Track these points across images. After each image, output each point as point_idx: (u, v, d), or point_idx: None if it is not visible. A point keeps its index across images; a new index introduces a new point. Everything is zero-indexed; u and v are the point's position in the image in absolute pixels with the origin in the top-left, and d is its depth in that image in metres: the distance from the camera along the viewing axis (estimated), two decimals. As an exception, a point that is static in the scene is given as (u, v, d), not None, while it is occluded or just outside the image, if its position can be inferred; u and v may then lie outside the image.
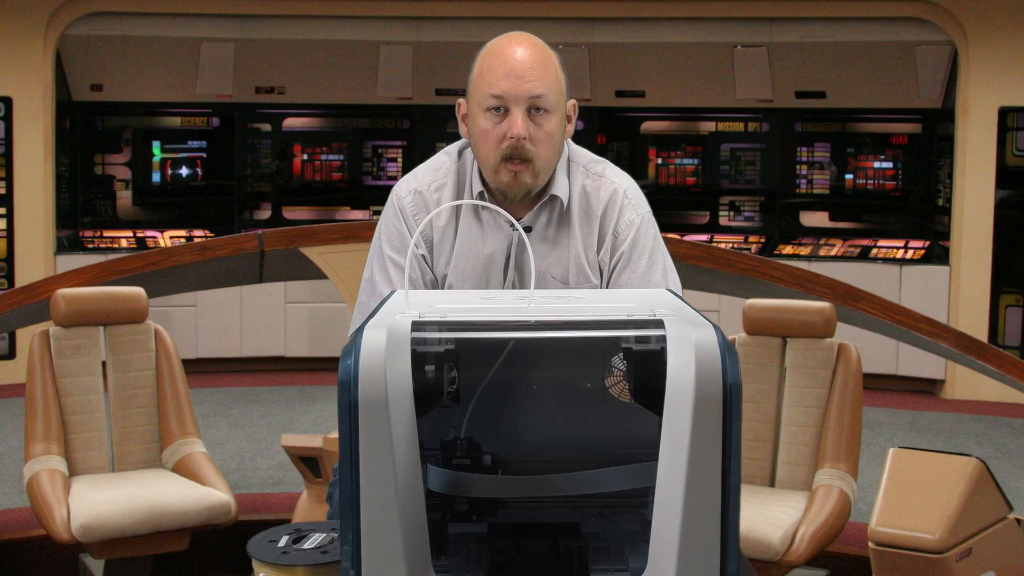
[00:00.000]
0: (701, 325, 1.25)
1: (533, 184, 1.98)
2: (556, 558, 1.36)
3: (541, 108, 1.94)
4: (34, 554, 3.88)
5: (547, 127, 1.95)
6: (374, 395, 1.20)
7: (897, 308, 3.95)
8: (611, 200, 2.06)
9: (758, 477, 3.58)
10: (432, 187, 2.07)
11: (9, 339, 7.34)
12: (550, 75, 1.95)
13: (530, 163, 1.96)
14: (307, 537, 1.55)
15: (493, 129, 1.96)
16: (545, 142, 1.96)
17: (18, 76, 7.34)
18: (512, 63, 1.94)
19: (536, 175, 1.98)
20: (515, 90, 1.93)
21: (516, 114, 1.93)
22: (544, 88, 1.94)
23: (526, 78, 1.93)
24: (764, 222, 8.05)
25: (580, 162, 2.10)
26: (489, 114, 1.96)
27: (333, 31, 7.82)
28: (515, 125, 1.93)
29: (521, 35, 2.00)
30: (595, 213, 2.06)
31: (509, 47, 1.96)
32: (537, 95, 1.93)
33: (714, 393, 1.20)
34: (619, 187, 2.07)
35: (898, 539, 2.70)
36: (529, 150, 1.94)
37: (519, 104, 1.93)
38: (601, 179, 2.08)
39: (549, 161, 1.99)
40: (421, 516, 1.22)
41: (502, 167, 1.96)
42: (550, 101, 1.95)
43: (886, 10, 7.46)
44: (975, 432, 6.34)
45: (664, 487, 1.21)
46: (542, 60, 1.95)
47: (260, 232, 4.01)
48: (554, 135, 1.97)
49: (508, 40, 1.98)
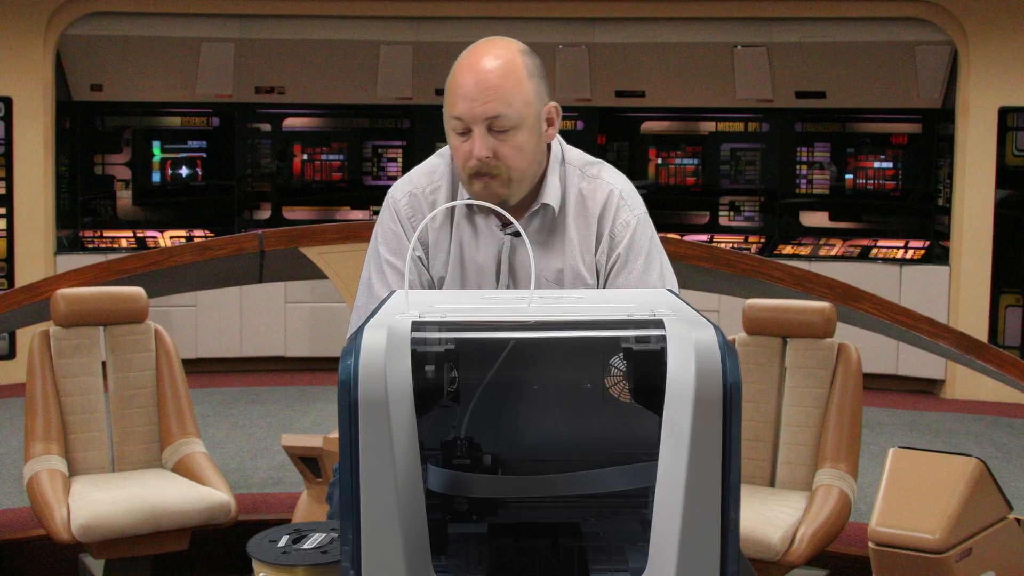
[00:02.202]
0: (701, 325, 1.25)
1: (507, 193, 1.98)
2: (556, 558, 1.36)
3: (502, 128, 1.93)
4: (34, 554, 3.88)
5: (513, 142, 1.94)
6: (374, 395, 1.20)
7: (897, 308, 3.95)
8: (607, 202, 2.06)
9: (758, 477, 3.58)
10: (427, 189, 2.08)
11: (9, 339, 7.34)
12: (511, 91, 1.92)
13: (499, 177, 1.96)
14: (307, 537, 1.55)
15: (460, 147, 1.97)
16: (513, 156, 1.95)
17: (18, 76, 7.34)
18: (468, 85, 1.92)
19: (508, 185, 1.97)
20: (471, 113, 1.92)
21: (476, 135, 1.93)
22: (502, 107, 1.91)
23: (481, 99, 1.91)
24: (764, 222, 8.05)
25: (576, 165, 2.10)
26: (456, 133, 1.96)
27: (333, 31, 7.82)
28: (475, 147, 1.93)
29: (487, 46, 1.96)
30: (592, 215, 2.06)
31: (469, 65, 1.94)
32: (494, 115, 1.92)
33: (714, 393, 1.20)
34: (615, 188, 2.07)
35: (898, 539, 2.70)
36: (495, 166, 1.95)
37: (478, 124, 1.92)
38: (597, 181, 2.08)
39: (523, 172, 1.98)
40: (421, 516, 1.22)
41: (472, 181, 1.97)
42: (511, 118, 1.92)
43: (886, 10, 7.46)
44: (975, 432, 6.34)
45: (664, 487, 1.21)
46: (502, 76, 1.92)
47: (260, 232, 4.01)
48: (523, 148, 1.95)
49: (472, 55, 1.96)
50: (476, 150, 1.93)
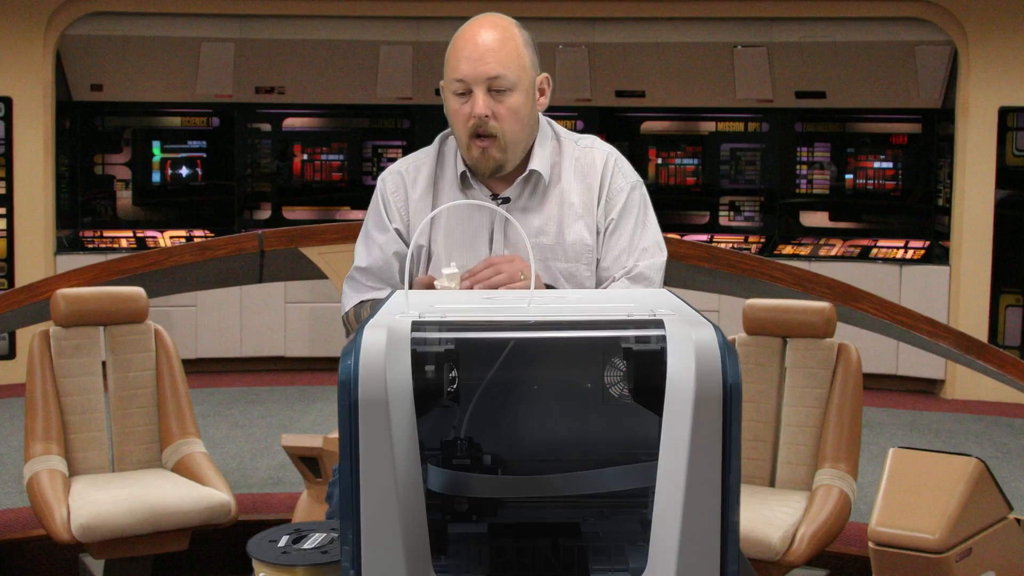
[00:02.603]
0: (701, 325, 1.25)
1: (502, 158, 2.12)
2: (556, 558, 1.36)
3: (501, 88, 2.07)
4: (34, 554, 3.88)
5: (509, 103, 2.08)
6: (374, 395, 1.20)
7: (897, 308, 3.95)
8: (604, 167, 2.19)
9: (758, 477, 3.58)
10: (412, 167, 2.24)
11: (9, 339, 7.34)
12: (509, 55, 2.08)
13: (495, 139, 2.09)
14: (307, 537, 1.55)
15: (460, 109, 2.11)
16: (509, 117, 2.09)
17: (18, 76, 7.34)
18: (471, 47, 2.09)
19: (504, 150, 2.11)
20: (474, 72, 2.07)
21: (477, 94, 2.07)
22: (502, 68, 2.07)
23: (483, 60, 2.07)
24: (764, 222, 8.05)
25: (569, 138, 2.24)
26: (456, 96, 2.10)
27: (333, 31, 7.82)
28: (476, 105, 2.07)
29: (486, 18, 2.14)
30: (592, 179, 2.19)
31: (471, 31, 2.11)
32: (494, 76, 2.07)
33: (714, 393, 1.20)
34: (610, 155, 2.22)
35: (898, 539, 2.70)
36: (493, 127, 2.08)
37: (479, 84, 2.07)
38: (592, 149, 2.22)
39: (517, 135, 2.12)
40: (421, 516, 1.22)
41: (471, 144, 2.11)
42: (509, 80, 2.07)
43: (886, 10, 7.46)
44: (975, 432, 6.34)
45: (664, 487, 1.21)
46: (501, 41, 2.09)
47: (260, 232, 4.01)
48: (518, 110, 2.10)
49: (472, 24, 2.14)
50: (477, 108, 2.07)
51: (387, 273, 2.21)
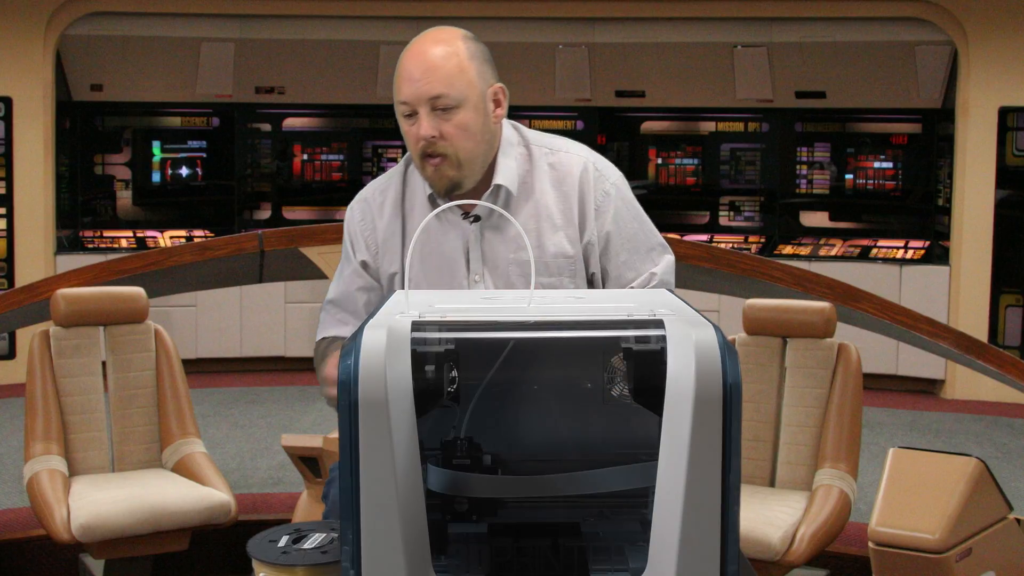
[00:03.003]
0: (701, 325, 1.25)
1: (457, 176, 2.04)
2: (556, 558, 1.36)
3: (445, 106, 2.00)
4: (34, 554, 3.88)
5: (456, 120, 2.01)
6: (374, 395, 1.20)
7: (897, 308, 3.95)
8: (584, 172, 2.11)
9: (758, 477, 3.58)
10: (378, 192, 2.18)
11: (9, 339, 7.34)
12: (451, 72, 2.00)
13: (447, 157, 2.02)
14: (307, 537, 1.55)
15: (409, 130, 2.04)
16: (458, 135, 2.01)
17: (18, 76, 7.34)
18: (410, 68, 2.01)
19: (458, 167, 2.03)
20: (415, 93, 2.00)
21: (421, 115, 2.01)
22: (443, 87, 1.99)
23: (424, 79, 1.99)
24: (764, 222, 8.04)
25: (540, 144, 2.15)
26: (404, 118, 2.05)
27: (333, 31, 7.82)
28: (421, 126, 2.01)
29: (430, 34, 2.05)
30: (571, 188, 2.10)
31: (412, 51, 2.03)
32: (436, 95, 1.99)
33: (714, 393, 1.20)
34: (587, 160, 2.13)
35: (898, 539, 2.70)
36: (441, 146, 2.01)
37: (422, 105, 2.00)
38: (567, 155, 2.14)
39: (470, 152, 2.03)
40: (421, 516, 1.22)
41: (424, 164, 2.04)
42: (454, 97, 1.99)
43: (886, 10, 7.46)
44: (975, 432, 6.34)
45: (664, 487, 1.21)
46: (443, 58, 2.00)
47: (260, 232, 4.01)
48: (468, 126, 2.02)
49: (415, 43, 2.05)
50: (422, 130, 2.00)
51: (352, 306, 2.18)
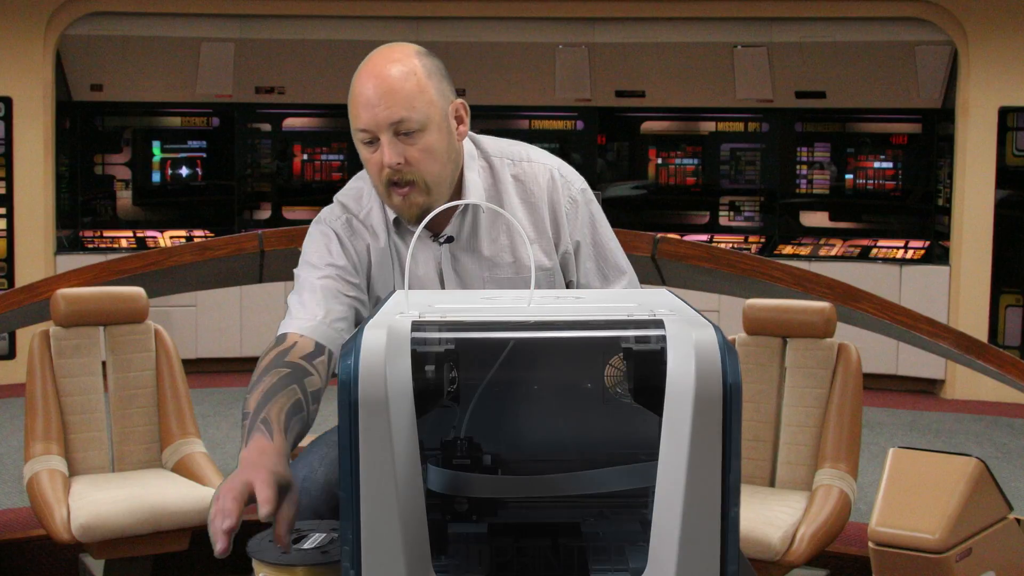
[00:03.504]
0: (701, 325, 1.25)
1: (427, 201, 1.92)
2: (556, 558, 1.36)
3: (407, 130, 1.88)
4: (34, 554, 3.88)
5: (421, 144, 1.89)
6: (374, 395, 1.20)
7: (897, 308, 3.94)
8: (551, 181, 2.03)
9: (758, 477, 3.58)
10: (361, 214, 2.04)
11: (9, 339, 7.34)
12: (411, 93, 1.88)
13: (414, 184, 1.91)
14: (307, 537, 1.55)
15: (371, 158, 1.92)
16: (423, 159, 1.90)
17: (18, 76, 7.34)
18: (367, 94, 1.88)
19: (428, 192, 1.92)
20: (375, 120, 1.87)
21: (383, 142, 1.88)
22: (403, 111, 1.87)
23: (381, 106, 1.87)
24: (764, 222, 8.05)
25: (499, 155, 2.06)
26: (364, 144, 1.93)
27: (333, 31, 7.82)
28: (384, 154, 1.88)
29: (383, 53, 1.93)
30: (539, 199, 2.03)
31: (368, 73, 1.90)
32: (398, 120, 1.87)
33: (714, 393, 1.20)
34: (552, 168, 2.05)
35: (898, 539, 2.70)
36: (408, 173, 1.90)
37: (384, 131, 1.88)
38: (530, 164, 2.06)
39: (438, 175, 1.92)
40: (421, 516, 1.22)
41: (390, 192, 1.93)
42: (416, 120, 1.88)
43: (886, 10, 7.46)
44: (975, 432, 6.34)
45: (664, 487, 1.21)
46: (401, 79, 1.88)
47: (260, 232, 4.01)
48: (432, 149, 1.90)
49: (368, 64, 1.93)
50: (386, 158, 1.88)
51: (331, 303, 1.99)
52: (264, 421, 1.64)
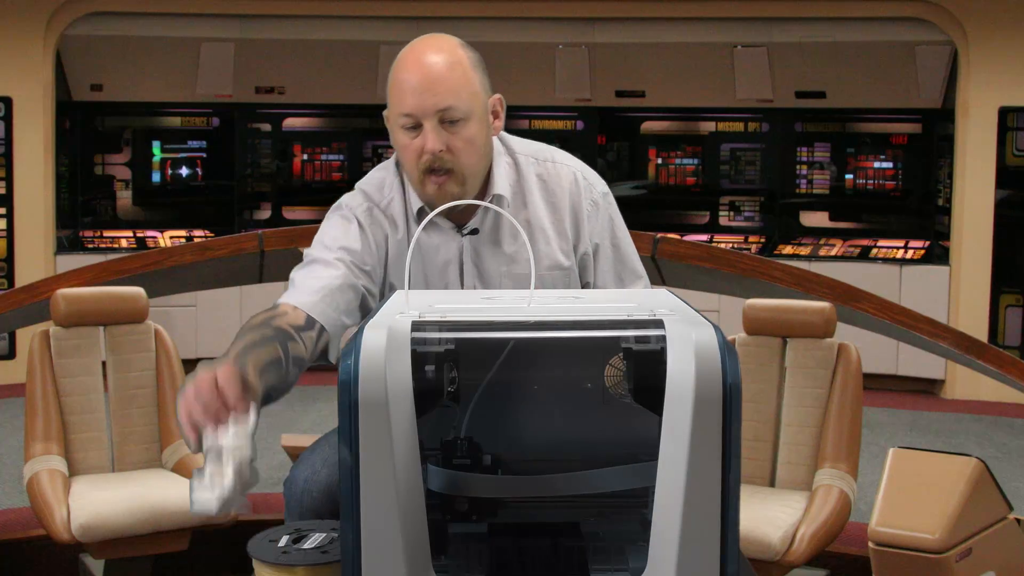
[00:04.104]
0: (701, 325, 1.25)
1: (460, 192, 1.94)
2: (556, 558, 1.36)
3: (453, 119, 1.91)
4: (34, 554, 3.88)
5: (464, 134, 1.92)
6: (374, 395, 1.20)
7: (897, 308, 3.94)
8: (574, 183, 2.06)
9: (758, 477, 3.58)
10: (383, 203, 2.05)
11: (9, 339, 7.34)
12: (458, 82, 1.91)
13: (452, 172, 1.93)
14: (307, 537, 1.55)
15: (410, 144, 1.93)
16: (465, 149, 1.93)
17: (18, 76, 7.34)
18: (416, 78, 1.90)
19: (463, 183, 1.95)
20: (422, 105, 1.89)
21: (428, 129, 1.90)
22: (452, 99, 1.90)
23: (431, 92, 1.89)
24: (764, 222, 8.04)
25: (526, 153, 2.08)
26: (404, 130, 1.94)
27: (333, 31, 7.82)
28: (428, 140, 1.90)
29: (428, 42, 1.95)
30: (561, 200, 2.05)
31: (414, 60, 1.92)
32: (445, 107, 1.89)
33: (714, 393, 1.20)
34: (576, 171, 2.08)
35: (898, 539, 2.70)
36: (447, 160, 1.92)
37: (429, 118, 1.90)
38: (555, 165, 2.08)
39: (474, 166, 1.96)
40: (421, 516, 1.22)
41: (426, 180, 1.94)
42: (461, 109, 1.91)
43: (886, 10, 7.46)
44: (975, 432, 6.34)
45: (664, 487, 1.21)
46: (449, 68, 1.90)
47: (260, 232, 4.01)
48: (474, 140, 1.93)
49: (413, 51, 1.94)
50: (429, 144, 1.90)
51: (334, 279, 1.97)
52: (236, 358, 1.58)
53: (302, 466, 2.07)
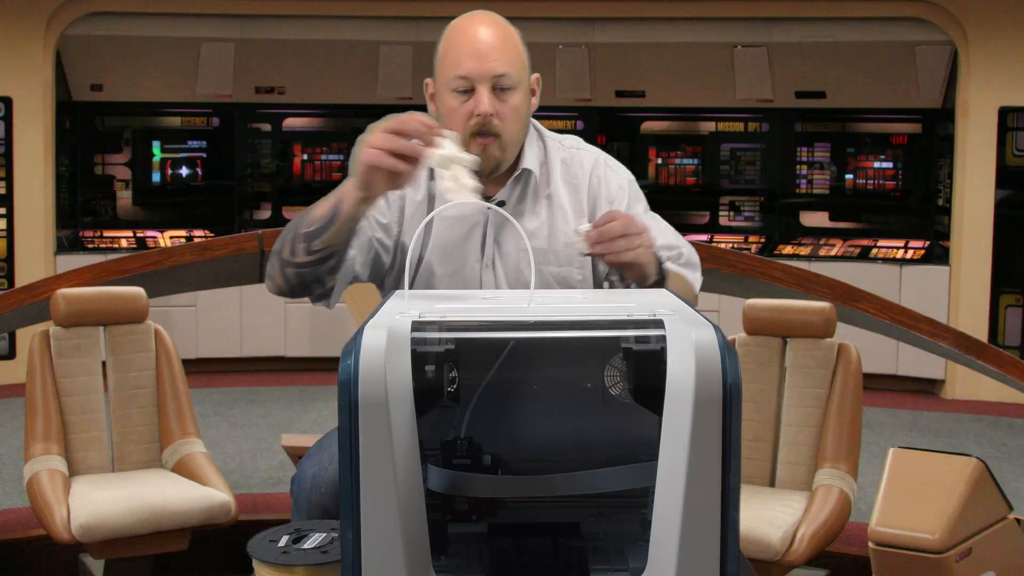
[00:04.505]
0: (701, 325, 1.25)
1: (501, 157, 2.04)
2: (556, 558, 1.36)
3: (505, 86, 2.00)
4: (34, 554, 3.88)
5: (512, 102, 2.02)
6: (374, 395, 1.20)
7: (897, 308, 3.94)
8: (594, 169, 2.14)
9: (758, 477, 3.58)
10: None
11: (9, 339, 7.34)
12: (512, 53, 2.02)
13: (498, 137, 2.02)
14: (307, 537, 1.55)
15: (460, 107, 2.01)
16: (511, 117, 2.02)
17: (18, 76, 7.34)
18: (475, 43, 2.00)
19: (504, 148, 2.03)
20: (479, 69, 1.99)
21: (482, 92, 1.99)
22: (507, 67, 2.00)
23: (489, 57, 1.99)
24: (764, 222, 8.04)
25: (553, 138, 2.18)
26: (456, 94, 2.02)
27: (333, 31, 7.82)
28: (481, 103, 1.99)
29: (483, 14, 2.07)
30: (581, 182, 2.12)
31: (472, 27, 2.03)
32: (500, 74, 1.99)
33: (714, 393, 1.20)
34: (599, 156, 2.17)
35: (898, 539, 2.70)
36: (496, 125, 2.01)
37: (484, 82, 1.99)
38: (579, 151, 2.16)
39: (516, 135, 2.05)
40: (421, 516, 1.22)
41: (471, 142, 2.02)
42: (513, 78, 2.01)
43: (886, 10, 7.46)
44: (975, 432, 6.34)
45: (664, 487, 1.21)
46: (504, 38, 2.02)
47: (260, 232, 4.01)
48: (519, 110, 2.03)
49: (471, 20, 2.05)
50: (483, 106, 1.98)
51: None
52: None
53: (309, 463, 2.08)
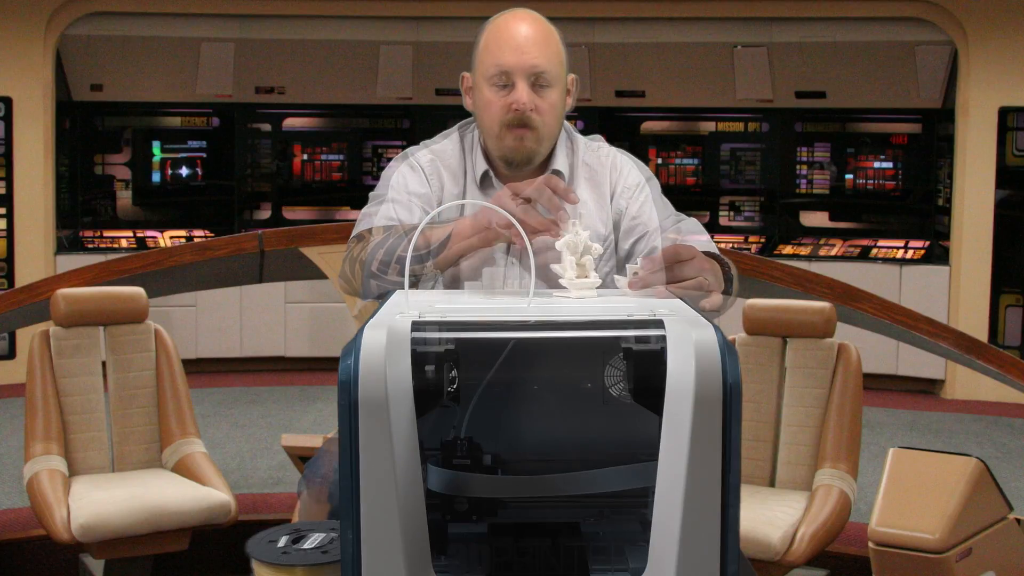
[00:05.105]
0: (701, 325, 1.25)
1: (536, 150, 2.06)
2: (556, 558, 1.36)
3: (543, 83, 2.03)
4: (34, 554, 3.88)
5: (549, 98, 2.04)
6: (374, 395, 1.20)
7: (897, 308, 3.94)
8: (613, 165, 2.16)
9: (758, 477, 3.58)
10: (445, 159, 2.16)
11: (9, 339, 7.34)
12: (552, 50, 2.06)
13: (534, 130, 2.04)
14: (307, 537, 1.55)
15: (498, 100, 2.04)
16: (548, 112, 2.04)
17: (18, 76, 7.34)
18: (517, 38, 2.04)
19: (540, 141, 2.05)
20: (519, 63, 2.02)
21: (520, 85, 2.02)
22: (546, 63, 2.03)
23: (530, 52, 2.03)
24: (764, 222, 8.04)
25: (579, 138, 2.21)
26: (494, 87, 2.04)
27: (333, 31, 7.82)
28: (520, 96, 2.01)
29: (525, 11, 2.10)
30: (602, 180, 2.15)
31: (514, 22, 2.07)
32: (540, 70, 2.03)
33: (714, 393, 1.20)
34: (618, 154, 2.20)
35: (898, 539, 2.70)
36: (533, 119, 2.03)
37: (523, 76, 2.02)
38: (600, 151, 2.19)
39: (552, 130, 2.07)
40: (421, 516, 1.22)
41: (506, 132, 2.04)
42: (552, 75, 2.04)
43: (886, 10, 7.46)
44: (975, 432, 6.34)
45: (664, 487, 1.21)
46: (544, 36, 2.07)
47: (260, 232, 4.01)
48: (556, 106, 2.06)
49: (513, 16, 2.08)
50: (521, 99, 2.01)
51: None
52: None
53: (320, 463, 2.12)
